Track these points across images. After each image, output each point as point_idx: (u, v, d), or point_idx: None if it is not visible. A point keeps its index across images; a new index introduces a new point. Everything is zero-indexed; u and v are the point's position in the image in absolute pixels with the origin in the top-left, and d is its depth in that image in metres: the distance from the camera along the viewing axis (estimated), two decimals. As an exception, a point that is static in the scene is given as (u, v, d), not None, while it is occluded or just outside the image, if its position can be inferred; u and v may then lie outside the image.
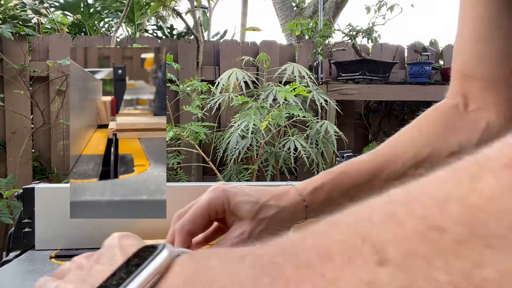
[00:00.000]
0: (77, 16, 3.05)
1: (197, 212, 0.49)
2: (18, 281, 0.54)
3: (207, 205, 0.49)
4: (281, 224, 0.51)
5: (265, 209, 0.50)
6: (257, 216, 0.50)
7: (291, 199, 0.52)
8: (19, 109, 2.50)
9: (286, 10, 5.17)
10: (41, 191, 0.65)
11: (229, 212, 0.50)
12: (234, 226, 0.50)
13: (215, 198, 0.50)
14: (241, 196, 0.50)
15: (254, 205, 0.50)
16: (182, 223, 0.49)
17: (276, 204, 0.51)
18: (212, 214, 0.50)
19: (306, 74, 2.29)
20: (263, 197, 0.51)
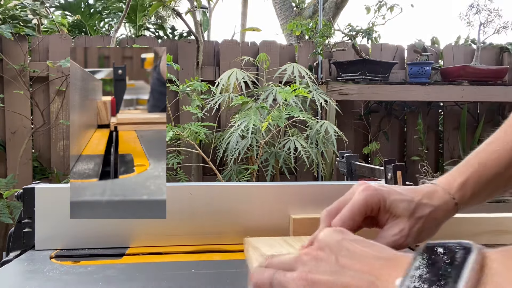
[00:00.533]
0: (77, 16, 3.05)
1: (355, 209, 0.50)
2: (18, 281, 0.54)
3: (364, 202, 0.50)
4: (435, 222, 0.53)
5: (421, 208, 0.52)
6: (414, 215, 0.51)
7: (442, 197, 0.54)
8: (19, 109, 2.50)
9: (286, 10, 5.17)
10: (41, 191, 0.65)
11: (384, 210, 0.51)
12: (389, 224, 0.51)
13: (371, 196, 0.50)
14: (395, 195, 0.52)
15: (410, 203, 0.51)
16: (342, 220, 0.49)
17: (430, 203, 0.52)
18: (368, 212, 0.51)
19: (306, 74, 2.29)
20: (416, 195, 0.53)
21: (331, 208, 0.52)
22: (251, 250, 0.59)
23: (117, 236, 0.66)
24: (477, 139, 2.89)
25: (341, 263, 0.36)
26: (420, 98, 2.55)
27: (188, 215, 0.67)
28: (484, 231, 0.70)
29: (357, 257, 0.35)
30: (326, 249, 0.38)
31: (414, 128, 2.86)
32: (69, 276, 0.54)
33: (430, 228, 0.53)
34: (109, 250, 0.64)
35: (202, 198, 0.68)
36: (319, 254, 0.38)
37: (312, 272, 0.36)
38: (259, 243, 0.61)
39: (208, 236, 0.68)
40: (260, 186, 0.70)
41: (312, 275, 0.36)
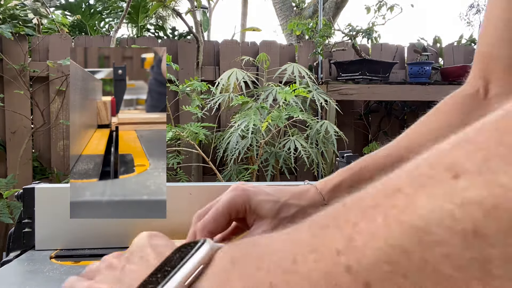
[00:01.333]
0: (78, 16, 3.05)
1: (218, 211, 0.49)
2: (18, 281, 0.54)
3: (228, 204, 0.49)
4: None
5: (286, 208, 0.51)
6: (278, 215, 0.50)
7: (311, 198, 0.52)
8: (19, 109, 2.50)
9: (286, 10, 5.17)
10: (41, 191, 0.65)
11: (250, 211, 0.50)
12: (255, 226, 0.50)
13: (236, 197, 0.50)
14: (261, 195, 0.51)
15: (275, 204, 0.50)
16: (204, 223, 0.49)
17: (296, 203, 0.51)
18: (233, 214, 0.50)
19: (306, 74, 2.29)
20: (283, 196, 0.51)
21: (201, 210, 0.52)
22: None
23: (117, 236, 0.66)
24: (477, 139, 2.89)
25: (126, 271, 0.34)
26: (420, 98, 2.55)
27: (188, 215, 0.67)
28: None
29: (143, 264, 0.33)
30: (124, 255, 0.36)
31: (414, 128, 2.85)
32: (69, 276, 0.54)
33: None
34: (109, 250, 0.64)
35: (202, 198, 0.68)
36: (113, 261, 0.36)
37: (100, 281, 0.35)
38: None
39: (208, 236, 0.68)
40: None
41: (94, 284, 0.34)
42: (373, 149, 2.67)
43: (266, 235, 0.26)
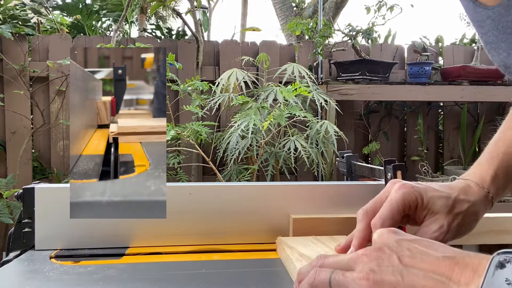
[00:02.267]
0: (77, 17, 3.05)
1: (394, 207, 0.50)
2: (18, 281, 0.54)
3: (402, 200, 0.50)
4: (473, 217, 0.53)
5: (459, 204, 0.52)
6: (453, 211, 0.52)
7: (477, 192, 0.54)
8: (19, 109, 2.50)
9: (286, 10, 5.17)
10: (41, 191, 0.65)
11: (422, 207, 0.51)
12: (427, 221, 0.52)
13: (409, 194, 0.51)
14: (432, 192, 0.52)
15: (448, 200, 0.52)
16: (382, 218, 0.49)
17: (467, 199, 0.53)
18: (406, 210, 0.51)
19: (306, 74, 2.29)
20: (453, 192, 0.53)
21: (368, 207, 0.52)
22: (288, 249, 0.58)
23: (117, 236, 0.66)
24: (477, 139, 2.89)
25: (404, 263, 0.35)
26: (420, 98, 2.55)
27: (188, 215, 0.67)
28: (484, 231, 0.70)
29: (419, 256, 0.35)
30: (385, 249, 0.37)
31: (414, 128, 2.86)
32: (69, 276, 0.54)
33: (468, 224, 0.53)
34: (109, 250, 0.64)
35: (202, 198, 0.68)
36: (379, 254, 0.37)
37: (374, 272, 0.36)
38: (294, 243, 0.61)
39: (208, 236, 0.68)
40: (260, 186, 0.70)
41: (375, 275, 0.36)
42: (373, 149, 2.68)
43: None
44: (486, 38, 0.50)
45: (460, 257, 0.34)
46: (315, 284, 0.39)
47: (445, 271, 0.33)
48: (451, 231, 0.51)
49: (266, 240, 0.68)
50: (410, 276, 0.34)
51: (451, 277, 0.33)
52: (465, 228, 0.53)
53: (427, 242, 0.38)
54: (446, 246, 0.37)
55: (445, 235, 0.51)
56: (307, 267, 0.42)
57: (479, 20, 0.50)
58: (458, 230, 0.52)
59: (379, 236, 0.40)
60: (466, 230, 0.54)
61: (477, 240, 0.69)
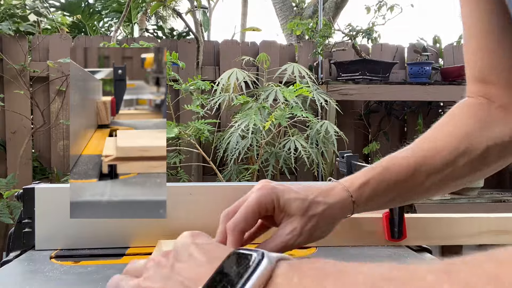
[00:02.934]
0: (78, 16, 3.05)
1: (248, 210, 0.50)
2: (18, 281, 0.54)
3: (257, 202, 0.50)
4: (330, 220, 0.53)
5: (314, 206, 0.51)
6: (307, 213, 0.51)
7: (338, 195, 0.53)
8: (19, 109, 2.50)
9: (286, 10, 5.17)
10: (41, 191, 0.65)
11: (279, 209, 0.51)
12: (283, 223, 0.51)
13: (265, 196, 0.50)
14: (290, 193, 0.51)
15: (304, 202, 0.51)
16: (235, 222, 0.49)
17: (324, 201, 0.52)
18: (262, 212, 0.51)
19: (306, 74, 2.29)
20: (311, 194, 0.52)
21: (230, 208, 0.52)
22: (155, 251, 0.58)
23: (117, 236, 0.66)
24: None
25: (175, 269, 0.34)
26: (420, 98, 2.55)
27: (188, 215, 0.67)
28: (484, 231, 0.70)
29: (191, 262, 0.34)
30: (171, 253, 0.37)
31: (414, 128, 2.86)
32: (69, 276, 0.54)
33: (324, 226, 0.52)
34: (109, 250, 0.64)
35: (202, 198, 0.68)
36: (161, 260, 0.37)
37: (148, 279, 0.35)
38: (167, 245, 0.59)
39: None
40: (260, 186, 0.70)
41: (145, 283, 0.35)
42: (373, 149, 2.68)
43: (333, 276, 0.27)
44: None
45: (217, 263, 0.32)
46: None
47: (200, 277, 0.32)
48: (304, 233, 0.50)
49: (266, 240, 0.68)
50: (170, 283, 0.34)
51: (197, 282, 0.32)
52: (320, 231, 0.52)
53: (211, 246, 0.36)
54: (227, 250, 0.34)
55: (298, 237, 0.50)
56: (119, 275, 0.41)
57: None
58: (311, 233, 0.51)
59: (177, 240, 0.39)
60: (321, 233, 0.52)
61: (477, 240, 0.69)
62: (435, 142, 0.57)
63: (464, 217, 0.71)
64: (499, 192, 2.61)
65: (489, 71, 0.58)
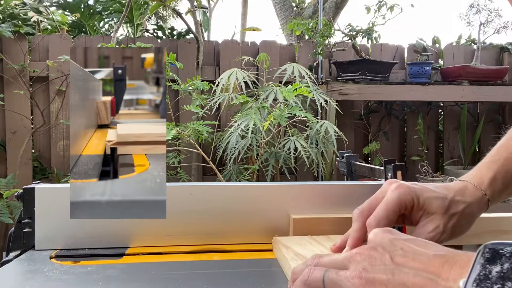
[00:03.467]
0: (77, 15, 3.05)
1: (389, 208, 0.50)
2: (18, 281, 0.54)
3: (398, 201, 0.51)
4: (469, 218, 0.54)
5: (455, 205, 0.53)
6: (448, 211, 0.52)
7: (474, 194, 0.54)
8: (19, 109, 2.50)
9: (286, 10, 5.17)
10: (41, 191, 0.65)
11: (418, 207, 0.52)
12: (423, 221, 0.52)
13: (404, 194, 0.51)
14: (428, 192, 0.52)
15: (444, 200, 0.52)
16: (378, 218, 0.50)
17: (463, 200, 0.53)
18: (402, 210, 0.51)
19: (306, 74, 2.29)
20: (449, 193, 0.53)
21: (363, 207, 0.53)
22: (283, 249, 0.59)
23: (117, 236, 0.66)
24: (477, 139, 2.89)
25: (396, 262, 0.36)
26: (420, 98, 2.55)
27: (188, 215, 0.67)
28: (484, 231, 0.70)
29: (411, 255, 0.36)
30: (379, 248, 0.38)
31: (414, 128, 2.86)
32: (69, 276, 0.54)
33: (464, 225, 0.54)
34: (109, 250, 0.64)
35: (202, 198, 0.68)
36: (372, 253, 0.38)
37: (367, 270, 0.36)
38: (289, 242, 0.61)
39: (208, 236, 0.68)
40: (260, 186, 0.70)
41: (368, 274, 0.36)
42: (373, 149, 2.68)
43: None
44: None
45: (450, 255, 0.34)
46: (309, 282, 0.39)
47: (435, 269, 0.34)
48: (447, 231, 0.52)
49: (266, 240, 0.68)
50: (401, 274, 0.35)
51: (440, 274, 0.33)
52: (461, 229, 0.54)
53: (421, 242, 0.38)
54: (438, 246, 0.37)
55: (441, 235, 0.51)
56: (302, 266, 0.42)
57: None
58: (453, 230, 0.52)
59: (374, 236, 0.40)
60: (461, 231, 0.54)
61: (477, 240, 0.69)
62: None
63: (464, 217, 0.71)
64: (499, 192, 2.60)
65: None
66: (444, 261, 0.34)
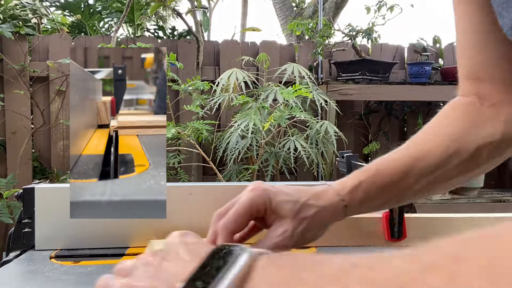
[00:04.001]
0: (78, 16, 3.05)
1: (239, 211, 0.50)
2: (18, 281, 0.54)
3: (249, 204, 0.50)
4: (321, 223, 0.52)
5: (306, 208, 0.51)
6: (298, 215, 0.51)
7: (330, 199, 0.53)
8: (19, 109, 2.50)
9: (286, 10, 5.17)
10: (41, 191, 0.65)
11: (270, 211, 0.51)
12: (275, 225, 0.51)
13: (256, 197, 0.50)
14: (281, 196, 0.51)
15: (295, 204, 0.51)
16: (226, 222, 0.49)
17: (316, 204, 0.52)
18: (253, 213, 0.51)
19: (306, 74, 2.29)
20: (303, 196, 0.52)
21: (222, 209, 0.52)
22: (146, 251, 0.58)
23: (117, 236, 0.66)
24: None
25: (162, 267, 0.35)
26: (420, 98, 2.55)
27: (188, 215, 0.67)
28: (484, 231, 0.70)
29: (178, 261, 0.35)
30: (159, 253, 0.37)
31: (414, 128, 2.86)
32: (69, 276, 0.54)
33: (315, 229, 0.52)
34: (109, 250, 0.64)
35: (202, 198, 0.68)
36: (149, 259, 0.37)
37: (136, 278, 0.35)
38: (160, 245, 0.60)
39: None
40: (260, 186, 0.70)
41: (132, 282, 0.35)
42: (373, 149, 2.68)
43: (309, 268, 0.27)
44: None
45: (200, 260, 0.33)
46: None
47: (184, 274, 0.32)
48: (296, 235, 0.50)
49: (266, 240, 0.68)
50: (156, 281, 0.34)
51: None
52: (312, 233, 0.52)
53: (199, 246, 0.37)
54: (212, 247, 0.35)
55: (290, 239, 0.50)
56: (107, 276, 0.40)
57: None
58: (303, 235, 0.51)
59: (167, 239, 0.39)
60: (312, 236, 0.52)
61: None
62: (426, 144, 0.57)
63: (464, 217, 0.72)
64: (499, 192, 2.61)
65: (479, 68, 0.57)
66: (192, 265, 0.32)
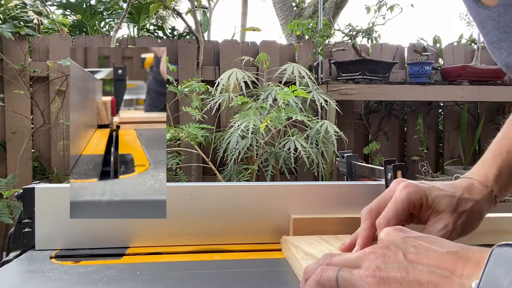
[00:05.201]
0: (78, 16, 3.05)
1: (398, 207, 0.50)
2: (18, 281, 0.54)
3: (407, 200, 0.51)
4: (478, 215, 0.54)
5: (463, 203, 0.53)
6: (457, 210, 0.52)
7: (481, 191, 0.55)
8: (19, 109, 2.50)
9: (286, 10, 5.17)
10: (41, 191, 0.65)
11: (426, 206, 0.52)
12: (432, 220, 0.52)
13: (413, 194, 0.51)
14: (437, 191, 0.53)
15: (452, 199, 0.53)
16: (387, 218, 0.50)
17: (471, 197, 0.54)
18: (411, 209, 0.52)
19: (306, 74, 2.29)
20: (457, 191, 0.54)
21: (372, 206, 0.53)
22: (293, 248, 0.59)
23: (117, 236, 0.66)
24: (477, 139, 2.89)
25: (409, 259, 0.36)
26: (420, 98, 2.55)
27: (188, 215, 0.67)
28: (484, 231, 0.70)
29: (424, 252, 0.36)
30: (391, 246, 0.38)
31: (414, 128, 2.86)
32: (69, 276, 0.54)
33: (473, 222, 0.54)
34: (109, 250, 0.64)
35: (202, 198, 0.68)
36: (385, 252, 0.38)
37: (380, 269, 0.37)
38: (298, 241, 0.61)
39: (208, 236, 0.68)
40: (260, 186, 0.70)
41: (381, 272, 0.36)
42: (373, 149, 2.68)
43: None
44: (488, 38, 0.51)
45: (463, 251, 0.34)
46: (322, 281, 0.39)
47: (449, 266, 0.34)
48: (456, 229, 0.52)
49: (266, 240, 0.68)
50: (415, 271, 0.35)
51: (454, 271, 0.33)
52: (470, 226, 0.54)
53: (432, 239, 0.38)
54: (450, 242, 0.37)
55: (450, 233, 0.51)
56: (314, 265, 0.42)
57: (481, 21, 0.50)
58: (463, 228, 0.53)
59: (386, 234, 0.40)
60: (470, 229, 0.54)
61: (477, 240, 0.69)
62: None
63: None
64: (499, 192, 2.60)
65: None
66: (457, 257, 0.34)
